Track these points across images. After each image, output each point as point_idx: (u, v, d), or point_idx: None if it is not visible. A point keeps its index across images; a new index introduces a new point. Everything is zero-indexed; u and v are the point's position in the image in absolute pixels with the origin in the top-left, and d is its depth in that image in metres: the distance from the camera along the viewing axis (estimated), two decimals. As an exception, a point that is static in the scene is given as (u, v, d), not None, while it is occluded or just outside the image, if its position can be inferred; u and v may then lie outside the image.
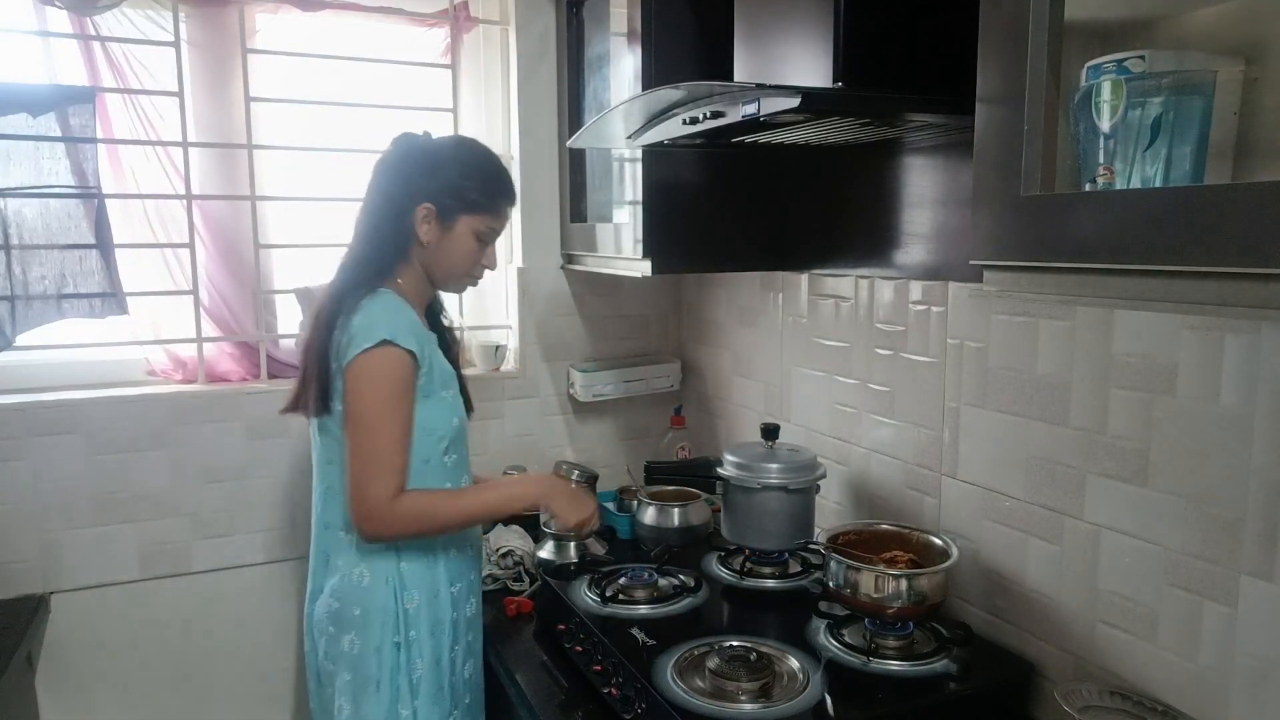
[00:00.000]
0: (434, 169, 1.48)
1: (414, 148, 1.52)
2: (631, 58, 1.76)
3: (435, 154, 1.51)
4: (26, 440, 1.88)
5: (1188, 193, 0.77)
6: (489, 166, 1.53)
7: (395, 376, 1.39)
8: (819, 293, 1.90)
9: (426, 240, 1.49)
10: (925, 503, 1.62)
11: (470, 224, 1.50)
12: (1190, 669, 1.17)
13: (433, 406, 1.47)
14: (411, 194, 1.47)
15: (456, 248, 1.51)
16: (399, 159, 1.51)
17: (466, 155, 1.53)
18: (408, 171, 1.49)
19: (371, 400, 1.38)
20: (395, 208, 1.48)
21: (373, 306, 1.41)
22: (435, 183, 1.48)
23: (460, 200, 1.49)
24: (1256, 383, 1.07)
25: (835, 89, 1.24)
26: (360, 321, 1.39)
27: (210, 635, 2.07)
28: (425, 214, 1.48)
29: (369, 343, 1.37)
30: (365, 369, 1.38)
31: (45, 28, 1.91)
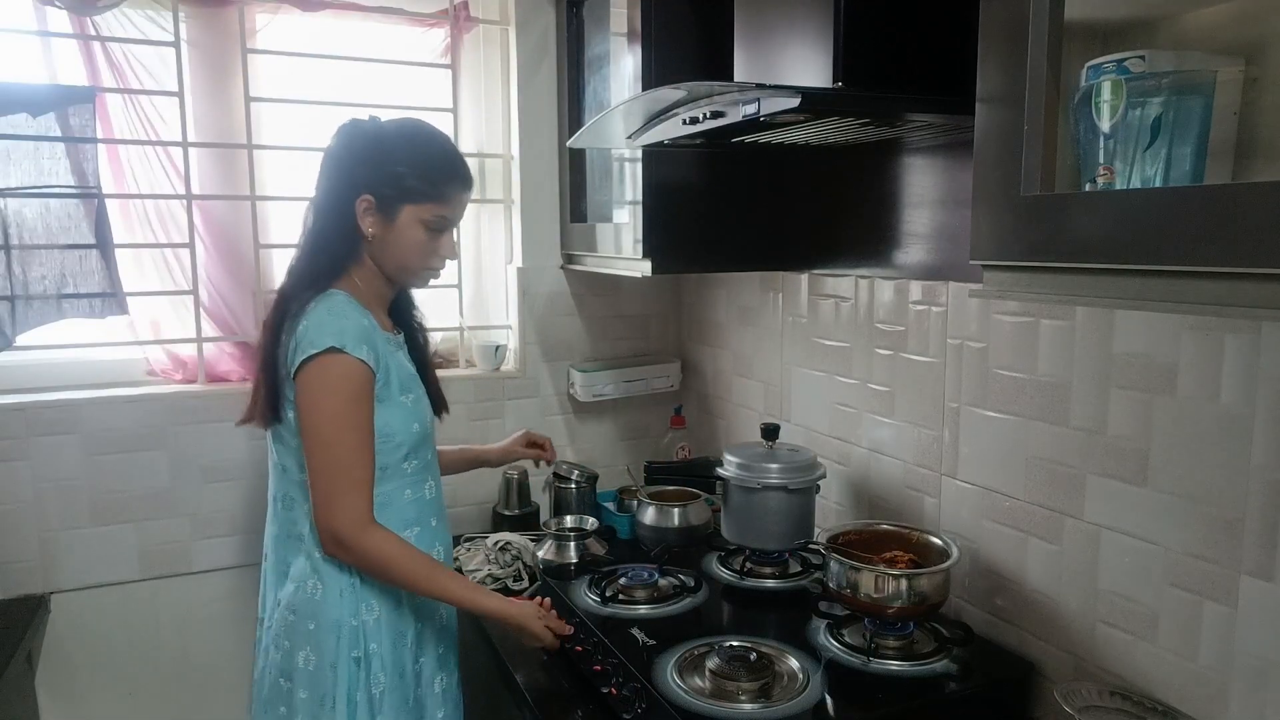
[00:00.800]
0: (373, 157, 1.40)
1: (356, 135, 1.43)
2: (631, 58, 1.76)
3: (376, 140, 1.42)
4: (26, 440, 1.88)
5: (1188, 193, 0.77)
6: (432, 150, 1.44)
7: (347, 386, 1.32)
8: (819, 293, 1.90)
9: (371, 234, 1.41)
10: (925, 503, 1.62)
11: (415, 214, 1.41)
12: (1190, 669, 1.17)
13: (390, 412, 1.39)
14: (352, 185, 1.39)
15: (403, 240, 1.42)
16: (341, 149, 1.42)
17: (407, 140, 1.43)
18: (349, 161, 1.41)
19: (326, 412, 1.31)
20: (338, 201, 1.40)
21: (319, 310, 1.34)
22: (375, 172, 1.39)
23: (399, 189, 1.40)
24: (1256, 383, 1.07)
25: (835, 89, 1.24)
26: (306, 326, 1.32)
27: (210, 635, 2.07)
28: (365, 206, 1.40)
29: (314, 349, 1.30)
30: (315, 378, 1.31)
31: (45, 28, 1.91)
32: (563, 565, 1.87)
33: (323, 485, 1.31)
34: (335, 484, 1.30)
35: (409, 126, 1.47)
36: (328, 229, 1.41)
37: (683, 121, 1.41)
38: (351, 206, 1.39)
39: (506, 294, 2.39)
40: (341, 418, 1.31)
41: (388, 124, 1.46)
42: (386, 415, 1.38)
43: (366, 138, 1.42)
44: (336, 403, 1.31)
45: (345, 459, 1.31)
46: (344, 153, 1.42)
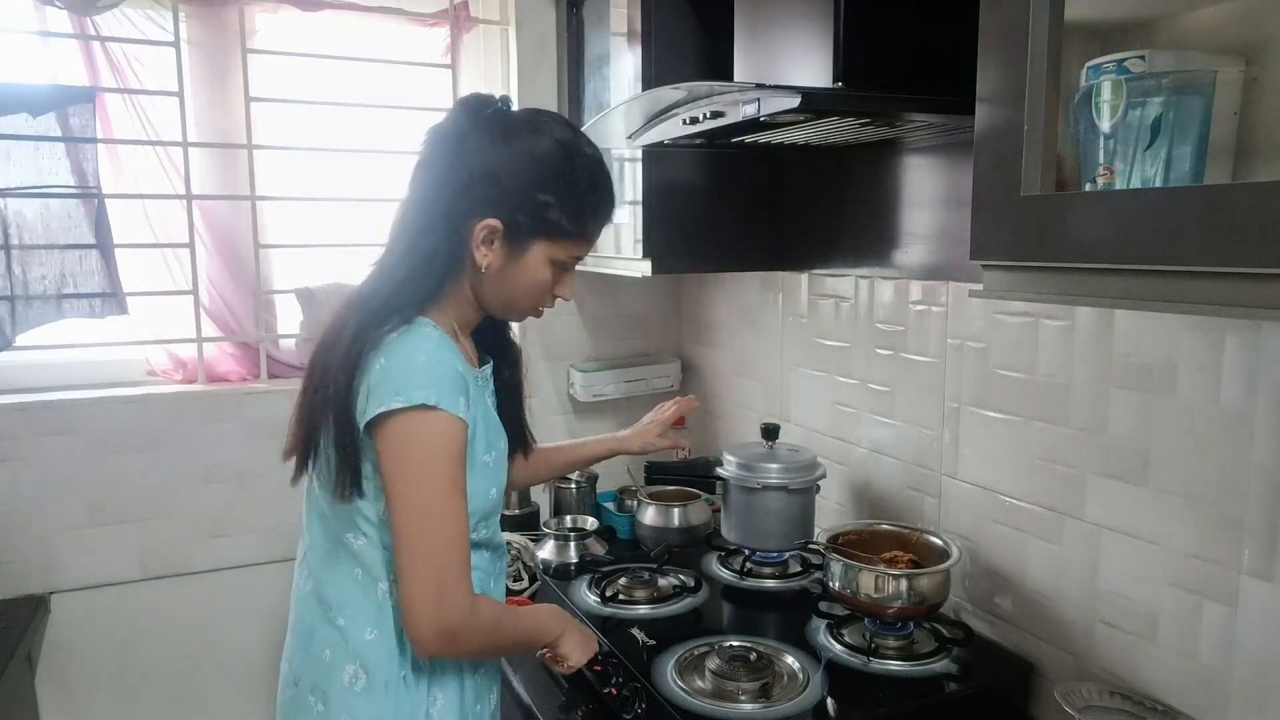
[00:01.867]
0: (515, 172, 1.09)
1: (482, 127, 1.10)
2: (631, 58, 1.76)
3: (510, 141, 1.10)
4: (26, 440, 1.88)
5: (1188, 193, 0.77)
6: (586, 174, 1.13)
7: (448, 447, 1.05)
8: (819, 293, 1.90)
9: (486, 265, 1.11)
10: (925, 503, 1.62)
11: (547, 251, 1.13)
12: (1190, 669, 1.17)
13: (471, 476, 1.11)
14: (471, 201, 1.09)
15: (524, 279, 1.14)
16: (469, 144, 1.10)
17: (561, 157, 1.11)
18: (468, 165, 1.09)
19: (428, 480, 1.04)
20: (448, 214, 1.10)
21: (404, 347, 1.06)
22: (512, 192, 1.09)
23: (538, 220, 1.10)
24: (1256, 383, 1.07)
25: (835, 89, 1.24)
26: (390, 368, 1.04)
27: (210, 635, 2.07)
28: (488, 232, 1.10)
29: (403, 402, 1.02)
30: (411, 440, 1.03)
31: (45, 28, 1.91)
32: (563, 565, 1.87)
33: (430, 574, 1.03)
34: (447, 572, 1.04)
35: (554, 129, 1.13)
36: (434, 247, 1.10)
37: (683, 121, 1.41)
38: (467, 225, 1.10)
39: (506, 294, 2.39)
40: (449, 486, 1.05)
41: (524, 117, 1.14)
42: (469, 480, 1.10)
43: (500, 136, 1.10)
44: (443, 468, 1.04)
45: (455, 536, 1.05)
46: (473, 154, 1.10)
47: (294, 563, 1.30)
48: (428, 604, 1.03)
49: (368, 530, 1.11)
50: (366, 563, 1.12)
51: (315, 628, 1.16)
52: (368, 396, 1.04)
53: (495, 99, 1.14)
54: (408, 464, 1.03)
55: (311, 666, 1.16)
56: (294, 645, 1.21)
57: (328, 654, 1.14)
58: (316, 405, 1.10)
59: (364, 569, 1.12)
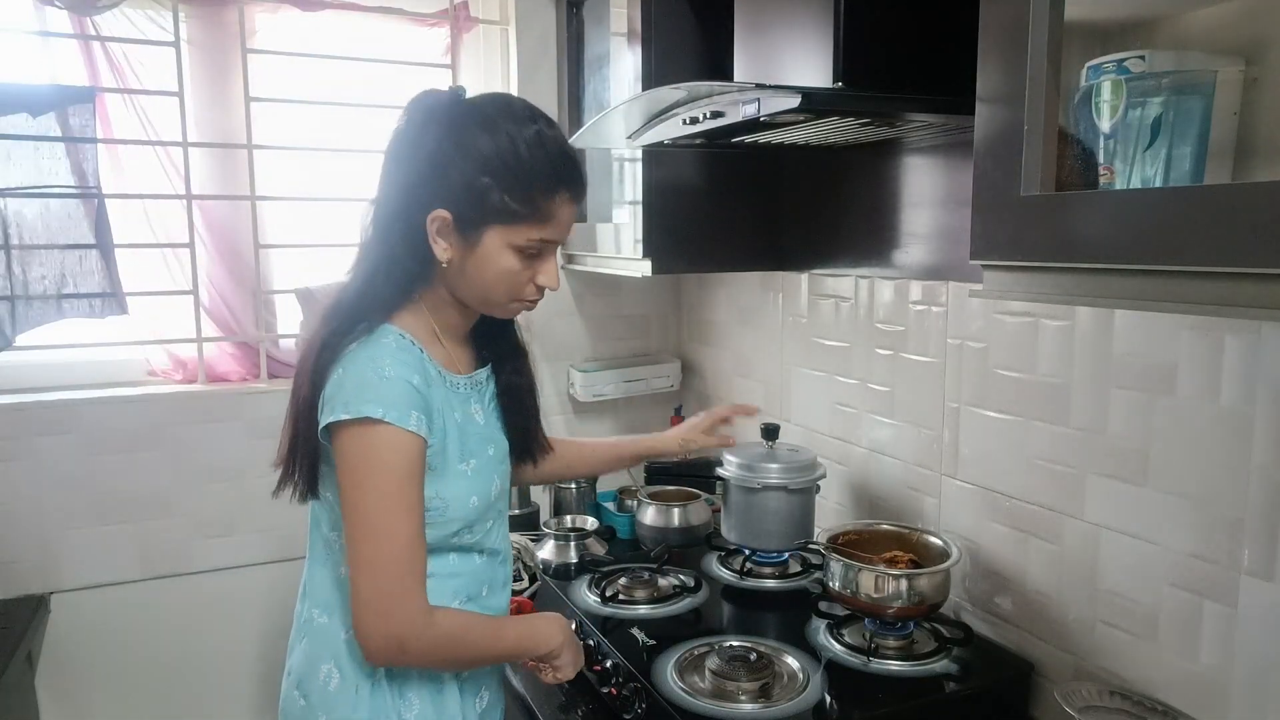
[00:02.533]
0: (449, 157, 1.06)
1: (431, 121, 1.08)
2: (631, 58, 1.76)
3: (457, 133, 1.06)
4: (26, 440, 1.88)
5: (1188, 193, 0.77)
6: (528, 151, 1.07)
7: (396, 462, 1.03)
8: (819, 293, 1.90)
9: (446, 259, 1.09)
10: (925, 503, 1.62)
11: (502, 237, 1.09)
12: (1190, 669, 1.17)
13: (442, 484, 1.11)
14: (423, 193, 1.07)
15: (487, 269, 1.10)
16: (411, 138, 1.09)
17: (496, 134, 1.06)
18: (420, 159, 1.07)
19: (371, 495, 1.03)
20: (405, 211, 1.08)
21: (359, 359, 1.05)
22: (450, 180, 1.06)
23: (482, 206, 1.07)
24: (1256, 383, 1.07)
25: (835, 89, 1.24)
26: (344, 378, 1.04)
27: (210, 635, 2.07)
28: (439, 224, 1.07)
29: (350, 414, 1.02)
30: (357, 455, 1.03)
31: (45, 28, 1.91)
32: (563, 565, 1.87)
33: (374, 584, 1.03)
34: (393, 583, 1.03)
35: (500, 108, 1.09)
36: (393, 245, 1.09)
37: (683, 121, 1.41)
38: (422, 222, 1.08)
39: (506, 294, 2.39)
40: (394, 501, 1.03)
41: (474, 104, 1.10)
42: (437, 486, 1.10)
43: (444, 127, 1.07)
44: (386, 483, 1.03)
45: (401, 550, 1.03)
46: (415, 145, 1.08)
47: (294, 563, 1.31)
48: (373, 614, 1.03)
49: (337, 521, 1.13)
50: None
51: (304, 623, 1.20)
52: (324, 405, 1.05)
53: (445, 91, 1.12)
54: (354, 475, 1.04)
55: (298, 662, 1.19)
56: (292, 639, 1.24)
57: (310, 650, 1.17)
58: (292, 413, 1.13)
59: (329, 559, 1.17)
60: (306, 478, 1.13)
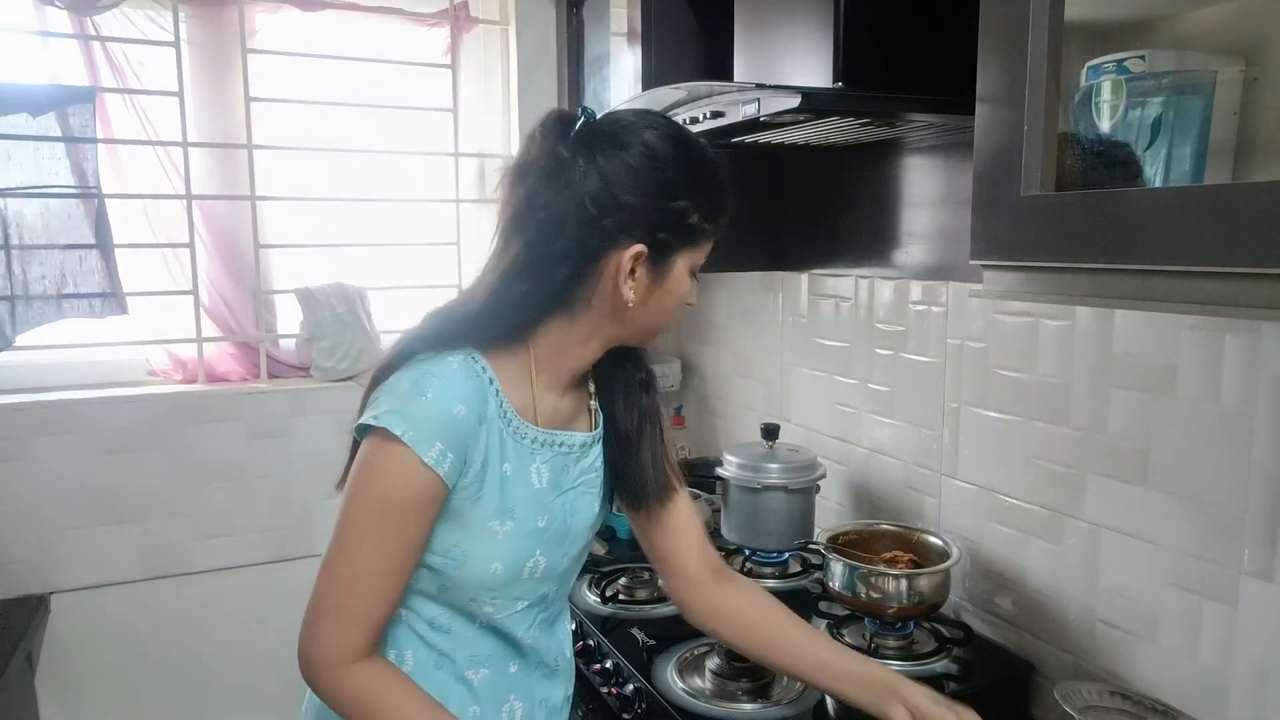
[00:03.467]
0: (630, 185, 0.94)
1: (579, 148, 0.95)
2: (631, 58, 1.76)
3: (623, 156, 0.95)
4: (26, 440, 1.88)
5: (1188, 193, 0.77)
6: (706, 162, 1.00)
7: (391, 486, 0.93)
8: (819, 293, 1.90)
9: (632, 296, 0.97)
10: (925, 503, 1.62)
11: (689, 260, 1.01)
12: (1190, 669, 1.17)
13: (466, 536, 0.98)
14: (602, 233, 0.94)
15: (670, 297, 1.01)
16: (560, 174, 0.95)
17: (675, 150, 0.97)
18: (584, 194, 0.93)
19: (355, 507, 0.94)
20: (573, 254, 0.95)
21: (415, 370, 0.95)
22: (640, 208, 0.94)
23: (680, 230, 0.98)
24: (1256, 382, 1.07)
25: (835, 89, 1.24)
26: (391, 385, 0.96)
27: (210, 635, 2.07)
28: (636, 257, 0.95)
29: (374, 420, 0.93)
30: (364, 462, 0.94)
31: (45, 28, 1.91)
32: (563, 565, 1.87)
33: (315, 596, 0.95)
34: (328, 602, 0.95)
35: (666, 127, 0.99)
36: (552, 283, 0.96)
37: (683, 122, 1.41)
38: (601, 261, 0.96)
39: (506, 294, 2.39)
40: (373, 524, 0.93)
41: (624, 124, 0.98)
42: (458, 536, 0.98)
43: (617, 153, 0.95)
44: (373, 501, 0.93)
45: (355, 579, 0.94)
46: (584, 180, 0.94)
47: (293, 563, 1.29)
48: (304, 626, 0.96)
49: None
50: None
51: None
52: (368, 402, 0.98)
53: (578, 114, 0.98)
54: (353, 482, 0.95)
55: None
56: None
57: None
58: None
59: None
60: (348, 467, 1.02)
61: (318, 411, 2.11)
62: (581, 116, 0.97)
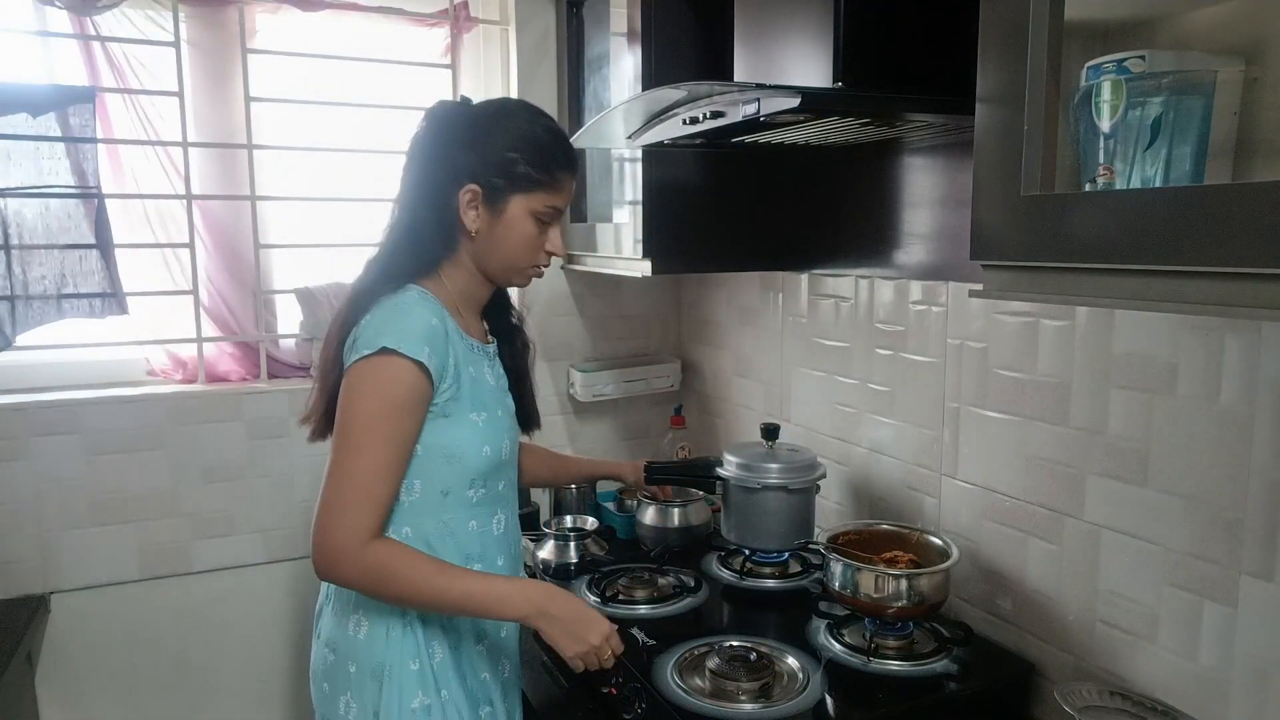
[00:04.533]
0: (478, 141, 1.25)
1: (452, 118, 1.28)
2: (631, 58, 1.76)
3: (476, 122, 1.27)
4: (26, 440, 1.88)
5: (1188, 193, 0.77)
6: (541, 131, 1.28)
7: (391, 391, 1.16)
8: (819, 293, 1.90)
9: (475, 229, 1.26)
10: (925, 503, 1.62)
11: (525, 204, 1.26)
12: (1190, 669, 1.17)
13: (455, 430, 1.24)
14: (454, 173, 1.24)
15: (511, 234, 1.27)
16: (437, 133, 1.28)
17: (513, 120, 1.28)
18: (446, 146, 1.26)
19: (359, 415, 1.15)
20: (434, 191, 1.26)
21: (384, 307, 1.20)
22: (481, 158, 1.24)
23: (509, 177, 1.25)
24: (1256, 383, 1.07)
25: (835, 89, 1.24)
26: (367, 323, 1.19)
27: (210, 635, 2.07)
28: (470, 197, 1.25)
29: (369, 349, 1.15)
30: (359, 379, 1.16)
31: (45, 28, 1.91)
32: (563, 565, 1.87)
33: (331, 495, 1.14)
34: (345, 496, 1.14)
35: (510, 104, 1.33)
36: (420, 220, 1.26)
37: (683, 121, 1.41)
38: (453, 197, 1.25)
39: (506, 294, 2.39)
40: (377, 425, 1.15)
41: (483, 104, 1.32)
42: (451, 433, 1.24)
43: (465, 120, 1.28)
44: (373, 404, 1.15)
45: (367, 471, 1.15)
46: (440, 137, 1.27)
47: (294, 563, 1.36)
48: (320, 526, 1.14)
49: None
50: None
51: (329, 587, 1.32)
52: (350, 350, 1.19)
53: (457, 99, 1.33)
54: (349, 396, 1.17)
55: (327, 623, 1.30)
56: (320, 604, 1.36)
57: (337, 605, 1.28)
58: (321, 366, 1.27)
59: None
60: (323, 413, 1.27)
61: (318, 411, 2.10)
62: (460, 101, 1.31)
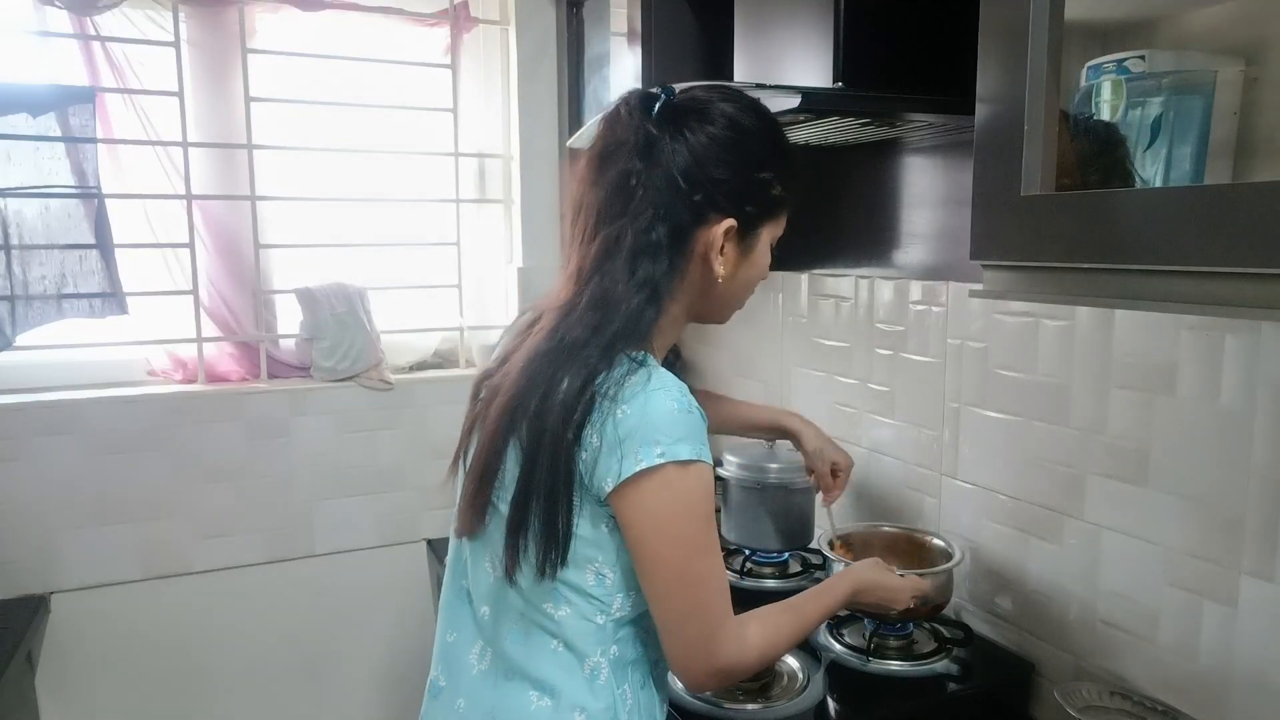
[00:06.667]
0: (717, 159, 0.95)
1: (664, 125, 0.95)
2: (631, 58, 1.76)
3: (706, 131, 0.95)
4: (26, 440, 1.88)
5: (1188, 193, 0.77)
6: (781, 137, 1.02)
7: (707, 502, 0.93)
8: (819, 293, 1.90)
9: (723, 271, 0.98)
10: (925, 503, 1.62)
11: (771, 233, 1.03)
12: (1190, 669, 1.17)
13: None
14: (694, 207, 0.95)
15: (754, 272, 1.03)
16: (648, 150, 0.94)
17: (757, 123, 0.99)
18: (674, 170, 0.94)
19: (691, 544, 0.92)
20: (671, 232, 0.94)
21: (657, 391, 0.90)
22: (729, 183, 0.95)
23: (766, 202, 1.00)
24: (1256, 383, 1.07)
25: (835, 89, 1.24)
26: (640, 418, 0.88)
27: (210, 635, 2.07)
28: (726, 233, 0.97)
29: (667, 456, 0.88)
30: (669, 499, 0.90)
31: (45, 28, 1.91)
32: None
33: (695, 631, 0.94)
34: (710, 626, 0.95)
35: (744, 100, 1.00)
36: (659, 271, 0.94)
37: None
38: (696, 234, 0.96)
39: (506, 294, 2.39)
40: (704, 544, 0.93)
41: (703, 99, 0.99)
42: None
43: (702, 128, 0.95)
44: (697, 527, 0.92)
45: (714, 597, 0.94)
46: (673, 156, 0.94)
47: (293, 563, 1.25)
48: (690, 658, 0.95)
49: (574, 600, 0.96)
50: (570, 636, 0.97)
51: (505, 708, 0.99)
52: (614, 453, 0.89)
53: (658, 91, 0.97)
54: (667, 526, 0.91)
55: None
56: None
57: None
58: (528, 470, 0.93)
59: (565, 643, 0.97)
60: (555, 558, 0.93)
61: (318, 411, 2.11)
62: (662, 94, 0.97)
